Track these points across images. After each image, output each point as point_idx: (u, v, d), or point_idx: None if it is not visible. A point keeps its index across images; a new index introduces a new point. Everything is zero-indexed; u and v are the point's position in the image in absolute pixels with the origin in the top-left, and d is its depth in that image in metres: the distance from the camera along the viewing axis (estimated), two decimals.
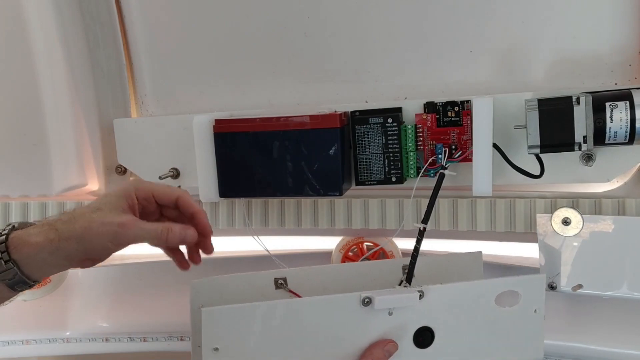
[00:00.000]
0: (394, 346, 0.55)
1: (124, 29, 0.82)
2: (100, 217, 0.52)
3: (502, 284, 0.58)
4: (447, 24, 0.70)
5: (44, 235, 0.51)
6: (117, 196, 0.55)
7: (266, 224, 0.78)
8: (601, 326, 0.76)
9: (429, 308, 0.56)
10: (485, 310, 0.58)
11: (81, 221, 0.52)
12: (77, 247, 0.51)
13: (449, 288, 0.57)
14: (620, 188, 0.68)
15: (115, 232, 0.52)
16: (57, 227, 0.52)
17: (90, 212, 0.53)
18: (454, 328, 0.57)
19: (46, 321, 0.97)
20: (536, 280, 0.60)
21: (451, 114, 0.67)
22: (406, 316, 0.55)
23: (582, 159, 0.65)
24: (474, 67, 0.71)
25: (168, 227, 0.55)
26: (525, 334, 0.59)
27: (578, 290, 0.66)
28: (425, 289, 0.55)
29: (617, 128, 0.58)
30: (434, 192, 0.62)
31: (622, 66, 0.66)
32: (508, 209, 0.70)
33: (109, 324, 0.96)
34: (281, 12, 0.75)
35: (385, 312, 0.55)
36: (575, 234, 0.65)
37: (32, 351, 0.97)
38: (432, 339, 0.56)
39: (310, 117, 0.66)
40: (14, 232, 0.52)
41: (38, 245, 0.51)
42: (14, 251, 0.50)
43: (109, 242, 0.52)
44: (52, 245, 0.51)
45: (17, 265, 0.50)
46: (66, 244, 0.51)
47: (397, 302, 0.54)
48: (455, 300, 0.57)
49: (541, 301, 0.59)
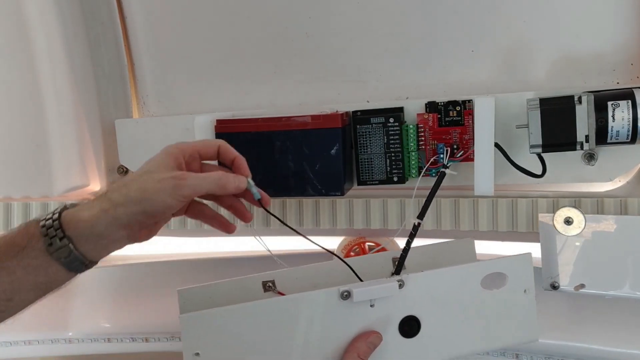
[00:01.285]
0: (377, 337, 0.54)
1: (126, 29, 0.82)
2: (151, 177, 0.50)
3: (485, 267, 0.57)
4: (449, 24, 0.70)
5: (97, 207, 0.49)
6: (162, 157, 0.54)
7: (268, 224, 0.78)
8: (603, 326, 0.76)
9: (411, 297, 0.55)
10: (472, 294, 0.57)
11: (134, 185, 0.50)
12: (135, 210, 0.49)
13: (430, 275, 0.56)
14: (622, 187, 0.68)
15: (173, 185, 0.50)
16: (110, 197, 0.50)
17: (139, 176, 0.51)
18: (441, 315, 0.56)
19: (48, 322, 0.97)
20: (522, 260, 0.58)
21: (453, 114, 0.67)
22: (389, 307, 0.55)
23: (584, 159, 0.65)
24: (476, 67, 0.71)
25: (224, 173, 0.54)
26: (517, 315, 0.58)
27: (580, 290, 0.65)
28: (405, 278, 0.55)
29: (620, 127, 0.58)
30: (433, 188, 0.62)
31: (624, 65, 0.66)
32: (510, 208, 0.70)
33: (111, 325, 0.96)
34: (282, 12, 0.75)
35: (367, 305, 0.54)
36: (577, 233, 0.65)
37: (35, 352, 0.97)
38: (418, 327, 0.56)
39: (311, 117, 0.66)
40: (66, 211, 0.50)
41: (92, 218, 0.49)
42: (67, 228, 0.48)
43: (168, 196, 0.50)
44: (108, 215, 0.49)
45: (72, 242, 0.48)
46: (123, 209, 0.49)
47: (376, 294, 0.54)
48: (437, 286, 0.56)
49: (530, 281, 0.58)
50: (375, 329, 0.55)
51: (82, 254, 0.49)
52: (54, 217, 0.49)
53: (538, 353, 0.80)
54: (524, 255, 0.58)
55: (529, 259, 0.58)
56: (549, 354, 0.79)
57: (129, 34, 0.83)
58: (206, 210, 0.61)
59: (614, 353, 0.75)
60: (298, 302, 0.54)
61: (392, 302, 0.55)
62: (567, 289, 0.66)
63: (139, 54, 0.83)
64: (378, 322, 0.55)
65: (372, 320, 0.55)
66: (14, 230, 0.50)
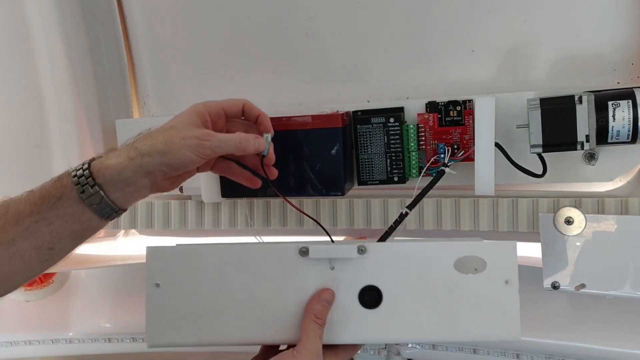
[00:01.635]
0: (329, 293, 0.54)
1: (126, 29, 0.82)
2: (177, 132, 0.53)
3: (461, 248, 0.55)
4: (449, 23, 0.70)
5: (124, 155, 0.52)
6: (189, 114, 0.56)
7: (268, 224, 0.78)
8: (604, 326, 0.76)
9: (374, 267, 0.54)
10: (443, 274, 0.54)
11: (160, 137, 0.52)
12: (160, 161, 0.52)
13: (395, 246, 0.55)
14: (623, 187, 0.68)
15: (197, 144, 0.52)
16: (137, 146, 0.52)
17: (165, 130, 0.54)
18: (405, 290, 0.54)
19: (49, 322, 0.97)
20: (505, 248, 0.55)
21: (453, 114, 0.67)
22: (349, 272, 0.54)
23: (585, 158, 0.65)
24: (476, 67, 0.71)
25: (245, 135, 0.56)
26: (495, 308, 0.54)
27: (581, 290, 0.65)
28: (367, 245, 0.54)
29: (620, 127, 0.58)
30: (429, 184, 0.62)
31: (624, 65, 0.65)
32: (510, 208, 0.70)
33: (111, 324, 0.96)
34: (283, 12, 0.75)
35: (327, 266, 0.54)
36: (578, 233, 0.65)
37: (35, 352, 0.98)
38: (379, 299, 0.54)
39: (312, 117, 0.66)
40: (95, 161, 0.52)
41: (120, 165, 0.51)
42: (97, 175, 0.51)
43: (190, 153, 0.52)
44: (134, 162, 0.51)
45: (102, 190, 0.51)
46: (148, 159, 0.51)
47: (333, 253, 0.54)
48: (403, 259, 0.54)
49: (512, 272, 0.54)
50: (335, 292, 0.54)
51: (112, 201, 0.52)
52: (84, 167, 0.51)
53: (539, 353, 0.80)
54: (509, 243, 0.55)
55: (513, 247, 0.55)
56: (549, 353, 0.79)
57: (129, 34, 0.83)
58: (233, 166, 0.62)
59: (614, 353, 0.75)
60: (259, 251, 0.55)
61: (352, 268, 0.54)
62: (567, 289, 0.66)
63: (139, 54, 0.83)
64: (337, 286, 0.54)
65: (331, 283, 0.54)
66: (48, 184, 0.52)
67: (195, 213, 0.80)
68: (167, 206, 0.81)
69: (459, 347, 0.86)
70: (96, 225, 0.53)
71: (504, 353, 0.83)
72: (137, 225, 0.83)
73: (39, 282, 0.96)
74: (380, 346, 0.90)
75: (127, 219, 0.82)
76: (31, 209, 0.50)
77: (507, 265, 0.54)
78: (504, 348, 0.83)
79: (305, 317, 0.53)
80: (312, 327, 0.52)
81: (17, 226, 0.50)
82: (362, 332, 0.54)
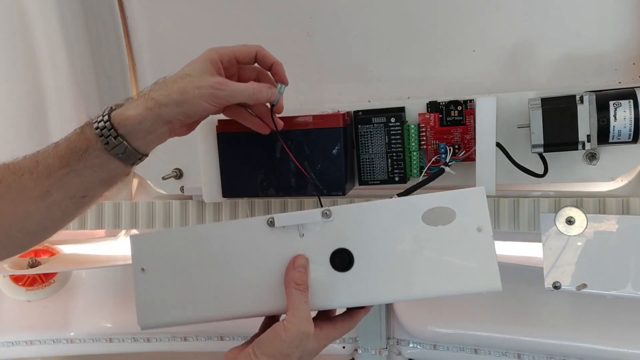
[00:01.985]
0: (301, 258, 0.55)
1: (127, 29, 0.82)
2: (191, 81, 0.55)
3: (427, 200, 0.53)
4: (450, 23, 0.70)
5: (142, 106, 0.54)
6: (202, 62, 0.57)
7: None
8: (605, 326, 0.76)
9: (342, 229, 0.54)
10: (412, 229, 0.53)
11: (175, 87, 0.55)
12: (177, 110, 0.54)
13: (360, 207, 0.55)
14: (624, 187, 0.68)
15: (211, 94, 0.55)
16: (153, 96, 0.54)
17: (180, 78, 0.55)
18: (375, 249, 0.54)
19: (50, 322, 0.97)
20: (472, 194, 0.52)
21: (454, 114, 0.67)
22: (318, 238, 0.55)
23: (586, 158, 0.65)
24: (477, 66, 0.71)
25: (258, 86, 0.58)
26: (470, 258, 0.52)
27: (582, 290, 0.65)
28: (332, 208, 0.54)
29: (621, 127, 0.58)
30: (427, 180, 0.62)
31: (625, 64, 0.65)
32: (512, 208, 0.70)
33: (112, 325, 0.96)
34: (284, 12, 0.75)
35: (296, 234, 0.55)
36: (579, 233, 0.65)
37: (36, 352, 0.98)
38: (350, 261, 0.54)
39: (313, 117, 0.66)
40: (114, 112, 0.55)
41: (139, 117, 0.54)
42: (119, 127, 0.54)
43: (205, 102, 0.55)
44: (153, 113, 0.54)
45: (125, 140, 0.54)
46: (166, 109, 0.54)
47: (297, 219, 0.55)
48: (370, 219, 0.54)
49: (484, 218, 0.52)
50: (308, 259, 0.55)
51: (135, 149, 0.55)
52: (105, 118, 0.54)
53: (540, 353, 0.80)
54: (476, 189, 0.53)
55: (481, 193, 0.52)
56: (550, 353, 0.79)
57: (130, 34, 0.83)
58: (244, 112, 0.63)
59: (615, 353, 0.75)
60: (232, 227, 0.57)
61: (321, 233, 0.55)
62: (569, 289, 0.66)
63: (140, 54, 0.83)
64: (309, 253, 0.55)
65: (303, 250, 0.55)
66: (72, 137, 0.55)
67: (197, 213, 0.80)
68: (168, 206, 0.81)
69: (460, 347, 0.86)
70: (123, 172, 0.57)
71: (505, 353, 0.83)
72: (139, 225, 0.83)
73: (40, 281, 0.96)
74: (382, 346, 0.90)
75: (128, 219, 0.83)
76: (60, 162, 0.54)
77: (477, 212, 0.52)
78: (504, 348, 0.83)
79: (286, 288, 0.54)
80: (295, 295, 0.53)
81: (50, 179, 0.54)
82: (339, 296, 0.55)
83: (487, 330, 0.83)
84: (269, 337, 0.52)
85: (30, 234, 0.57)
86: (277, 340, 0.51)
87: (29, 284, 0.95)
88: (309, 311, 0.53)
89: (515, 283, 0.81)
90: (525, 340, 0.80)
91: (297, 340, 0.51)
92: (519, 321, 0.81)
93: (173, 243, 0.58)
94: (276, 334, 0.51)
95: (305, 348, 0.52)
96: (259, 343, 0.52)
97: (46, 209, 0.55)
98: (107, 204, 0.83)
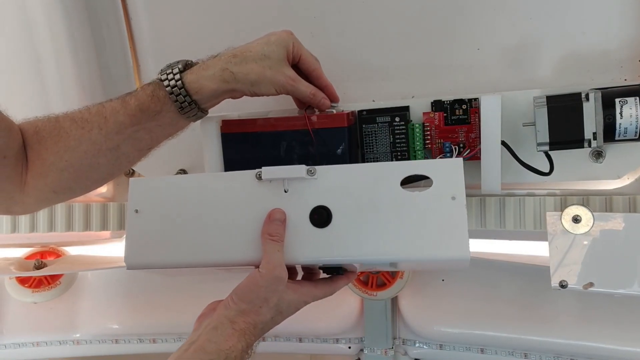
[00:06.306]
0: (278, 212, 0.57)
1: (131, 31, 0.83)
2: (269, 65, 0.60)
3: (406, 167, 0.56)
4: (454, 22, 0.70)
5: (219, 78, 0.59)
6: (280, 46, 0.61)
7: None
8: (613, 324, 0.75)
9: (324, 188, 0.57)
10: (390, 193, 0.56)
11: (254, 67, 0.59)
12: (249, 88, 0.60)
13: (344, 168, 0.58)
14: (631, 185, 0.68)
15: (284, 84, 0.61)
16: (232, 70, 0.59)
17: (259, 59, 0.60)
18: (353, 208, 0.56)
19: (56, 323, 0.98)
20: (450, 165, 0.56)
21: (459, 112, 0.66)
22: (300, 194, 0.58)
23: (592, 156, 0.64)
24: (482, 65, 0.70)
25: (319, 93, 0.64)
26: (443, 225, 0.54)
27: (589, 289, 0.65)
28: (317, 168, 0.58)
29: (627, 124, 0.58)
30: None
31: (631, 61, 0.65)
32: (517, 207, 0.70)
33: (118, 326, 0.97)
34: (287, 12, 0.75)
35: (281, 189, 0.58)
36: (585, 231, 0.65)
37: (43, 353, 0.98)
38: (329, 218, 0.57)
39: (317, 116, 0.66)
40: (188, 76, 0.59)
41: (215, 87, 0.59)
42: (193, 93, 0.59)
43: (275, 89, 0.61)
44: (228, 86, 0.59)
45: (197, 105, 0.60)
46: (240, 85, 0.60)
47: (283, 174, 0.58)
48: (352, 180, 0.57)
49: (459, 188, 0.55)
50: (288, 214, 0.57)
51: (204, 111, 0.62)
52: (178, 83, 0.58)
53: (547, 352, 0.80)
54: (454, 160, 0.56)
55: (459, 164, 0.55)
56: (558, 353, 0.79)
57: (135, 36, 0.83)
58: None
59: (623, 352, 0.75)
60: (224, 179, 0.61)
61: (304, 189, 0.58)
62: (575, 288, 0.65)
63: (144, 56, 0.83)
64: (291, 207, 0.58)
65: (286, 205, 0.58)
66: (142, 96, 0.59)
67: None
68: None
69: (466, 347, 0.86)
70: (186, 125, 0.63)
71: (512, 353, 0.82)
72: None
73: (47, 283, 0.96)
74: (388, 346, 0.90)
75: None
76: (131, 121, 0.59)
77: (453, 182, 0.55)
78: (511, 347, 0.82)
79: (262, 238, 0.57)
80: (269, 244, 0.56)
81: (120, 135, 0.59)
82: (314, 251, 0.57)
83: (494, 330, 0.83)
84: (246, 284, 0.55)
85: (98, 181, 0.64)
86: (254, 285, 0.54)
87: (35, 285, 0.96)
88: (282, 259, 0.56)
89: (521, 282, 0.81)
90: (532, 340, 0.80)
91: (273, 285, 0.54)
92: (525, 320, 0.81)
93: (168, 189, 0.61)
94: (252, 280, 0.54)
95: (281, 296, 0.55)
96: (237, 291, 0.55)
97: (115, 160, 0.60)
98: (112, 205, 0.83)
